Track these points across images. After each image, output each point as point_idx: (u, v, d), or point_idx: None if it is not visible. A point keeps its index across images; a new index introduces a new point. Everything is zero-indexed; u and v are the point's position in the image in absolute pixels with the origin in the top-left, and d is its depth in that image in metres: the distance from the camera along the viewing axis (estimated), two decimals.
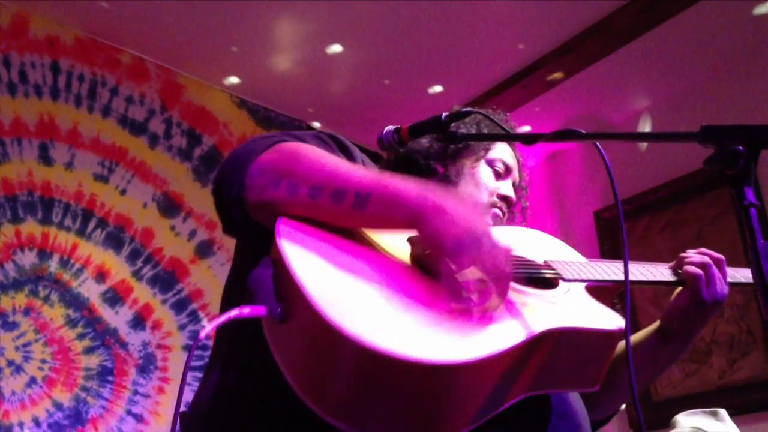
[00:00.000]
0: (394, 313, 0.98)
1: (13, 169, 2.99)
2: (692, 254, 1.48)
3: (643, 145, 4.05)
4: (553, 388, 1.12)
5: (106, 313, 3.10)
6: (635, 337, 1.59)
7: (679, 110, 3.96)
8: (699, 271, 1.44)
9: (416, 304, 1.01)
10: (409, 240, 1.13)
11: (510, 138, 1.45)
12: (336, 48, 3.60)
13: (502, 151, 1.63)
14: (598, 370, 1.14)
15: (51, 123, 3.16)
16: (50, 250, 3.01)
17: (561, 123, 4.15)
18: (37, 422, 2.76)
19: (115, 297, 3.15)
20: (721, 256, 1.48)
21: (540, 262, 1.29)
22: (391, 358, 0.88)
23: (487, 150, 1.61)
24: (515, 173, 1.64)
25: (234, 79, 3.78)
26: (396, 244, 1.14)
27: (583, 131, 1.22)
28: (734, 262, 1.72)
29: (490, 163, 1.61)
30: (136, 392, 3.07)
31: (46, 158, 3.10)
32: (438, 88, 3.92)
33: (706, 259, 1.46)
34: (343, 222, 1.11)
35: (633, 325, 3.88)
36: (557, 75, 3.80)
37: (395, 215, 1.07)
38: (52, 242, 3.02)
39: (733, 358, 3.55)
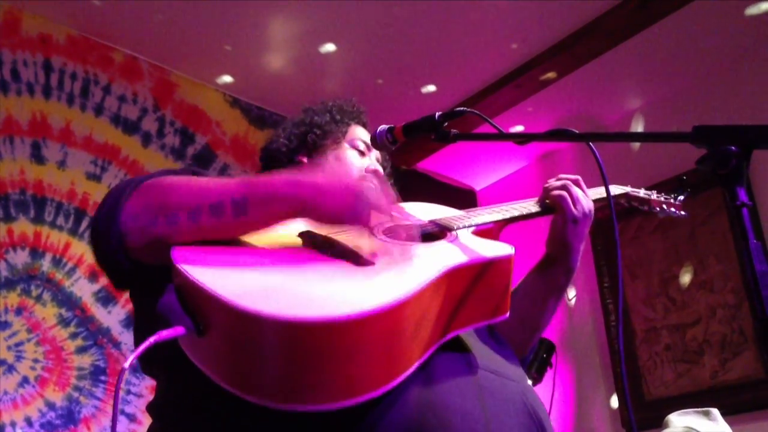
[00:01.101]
0: (307, 284, 1.03)
1: (5, 168, 2.98)
2: (552, 181, 1.63)
3: (636, 145, 4.06)
4: (468, 325, 1.17)
5: (98, 312, 3.09)
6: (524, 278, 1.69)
7: (671, 110, 3.97)
8: (563, 192, 1.59)
9: (323, 270, 1.07)
10: (301, 235, 1.18)
11: (503, 137, 1.45)
12: (329, 47, 3.60)
13: (359, 131, 1.74)
14: (503, 298, 1.22)
15: (43, 121, 3.15)
16: (43, 249, 3.00)
17: (554, 123, 4.15)
18: (29, 422, 2.75)
19: (107, 296, 3.14)
20: (577, 176, 1.64)
21: (425, 221, 1.35)
22: (315, 324, 0.91)
23: (344, 133, 1.72)
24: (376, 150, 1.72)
25: (227, 78, 3.78)
26: (285, 234, 1.18)
27: (576, 131, 1.23)
28: (726, 262, 1.74)
29: (351, 144, 1.70)
30: (128, 392, 3.06)
31: (38, 157, 3.09)
32: (431, 88, 3.93)
33: (566, 181, 1.61)
34: (232, 233, 1.13)
35: (626, 326, 3.90)
36: (550, 75, 3.81)
37: (278, 210, 1.11)
38: (44, 241, 3.01)
39: (724, 359, 3.56)
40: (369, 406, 1.01)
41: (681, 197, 1.86)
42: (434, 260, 1.12)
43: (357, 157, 1.65)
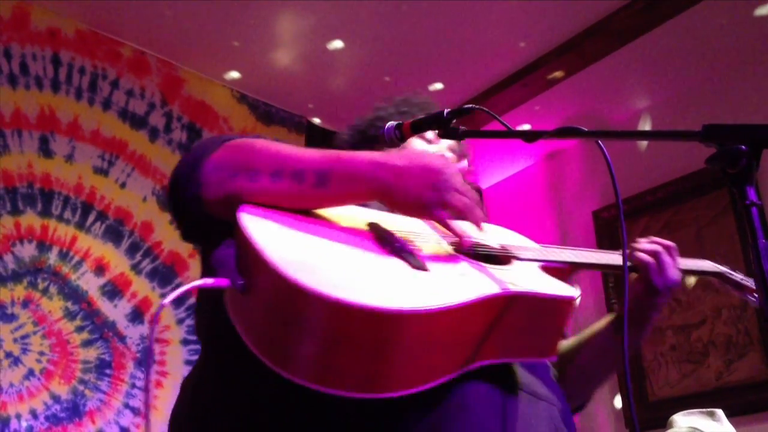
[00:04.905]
0: (357, 269, 1.01)
1: (13, 161, 2.99)
2: (643, 242, 1.52)
3: (643, 145, 4.05)
4: (512, 356, 1.14)
5: (104, 306, 3.10)
6: (592, 328, 1.61)
7: (678, 110, 3.96)
8: (650, 258, 1.47)
9: (377, 262, 1.05)
10: (369, 225, 1.17)
11: (511, 135, 1.45)
12: (337, 44, 3.60)
13: None
14: (554, 339, 1.17)
15: (51, 115, 3.16)
16: (49, 242, 3.01)
17: (561, 122, 4.14)
18: (34, 414, 2.76)
19: (113, 290, 3.15)
20: (672, 243, 1.52)
21: (496, 246, 1.31)
22: (356, 308, 0.90)
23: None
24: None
25: (235, 74, 3.78)
26: (353, 217, 1.17)
27: (585, 129, 1.22)
28: (732, 263, 1.72)
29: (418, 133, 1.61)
30: (133, 386, 3.07)
31: (46, 150, 3.10)
32: (438, 86, 3.92)
33: (657, 246, 1.49)
34: (307, 203, 1.12)
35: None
36: (557, 74, 3.80)
37: (358, 189, 1.10)
38: (51, 235, 3.02)
39: (729, 360, 3.55)
40: (391, 408, 0.99)
41: None
42: (490, 281, 1.09)
43: (424, 146, 1.57)
